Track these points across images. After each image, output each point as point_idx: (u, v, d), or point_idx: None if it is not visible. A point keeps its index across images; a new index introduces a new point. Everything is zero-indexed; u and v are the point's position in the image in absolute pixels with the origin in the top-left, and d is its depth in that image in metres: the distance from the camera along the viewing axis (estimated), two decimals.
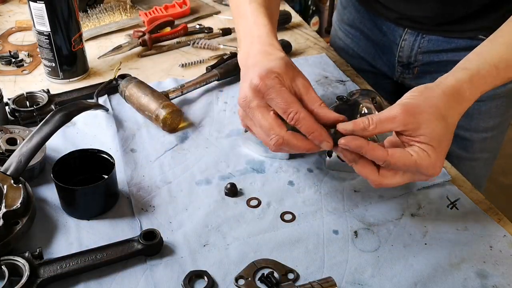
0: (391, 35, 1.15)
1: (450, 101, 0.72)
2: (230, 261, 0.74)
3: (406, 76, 1.18)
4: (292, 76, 0.75)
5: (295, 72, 0.76)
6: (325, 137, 0.72)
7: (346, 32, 1.27)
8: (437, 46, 1.09)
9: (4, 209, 0.73)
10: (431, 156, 0.69)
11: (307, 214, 0.82)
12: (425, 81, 1.12)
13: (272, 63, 0.75)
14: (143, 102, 0.99)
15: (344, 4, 1.27)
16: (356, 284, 0.72)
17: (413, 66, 1.15)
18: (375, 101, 0.98)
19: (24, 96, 1.01)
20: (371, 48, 1.22)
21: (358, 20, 1.22)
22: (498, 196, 2.29)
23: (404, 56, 1.14)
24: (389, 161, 0.68)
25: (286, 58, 0.77)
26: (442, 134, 0.70)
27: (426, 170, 0.69)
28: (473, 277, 0.73)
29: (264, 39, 0.81)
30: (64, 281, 0.71)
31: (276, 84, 0.72)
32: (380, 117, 0.70)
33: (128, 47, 1.23)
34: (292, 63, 0.78)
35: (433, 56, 1.11)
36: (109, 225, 0.80)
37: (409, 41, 1.12)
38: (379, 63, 1.22)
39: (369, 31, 1.20)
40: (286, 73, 0.74)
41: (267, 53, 0.78)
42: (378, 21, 1.17)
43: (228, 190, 0.85)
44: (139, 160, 0.92)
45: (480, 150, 1.18)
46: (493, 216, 0.82)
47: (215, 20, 1.41)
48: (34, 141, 0.79)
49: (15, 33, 1.32)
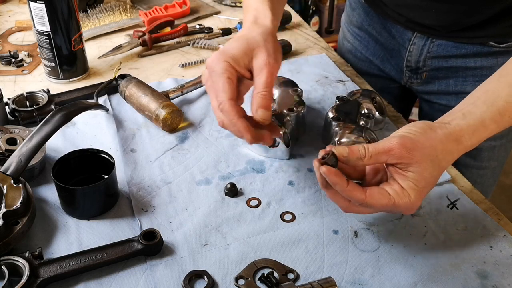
0: (400, 39, 1.13)
1: (449, 147, 0.70)
2: (230, 261, 0.74)
3: (414, 81, 1.16)
4: (254, 55, 0.76)
5: (262, 50, 0.76)
6: (244, 133, 0.74)
7: (354, 35, 1.25)
8: (447, 52, 1.07)
9: (4, 209, 0.73)
10: (411, 196, 0.67)
11: (307, 214, 0.82)
12: (433, 87, 1.13)
13: (243, 42, 0.76)
14: (143, 102, 0.99)
15: (353, 5, 1.24)
16: (356, 284, 0.72)
17: (421, 71, 1.13)
18: (375, 101, 0.99)
19: (24, 96, 1.01)
20: (379, 51, 1.20)
21: (367, 23, 1.20)
22: (498, 196, 2.29)
23: (412, 61, 1.12)
24: (367, 202, 0.68)
25: (267, 32, 0.78)
26: (430, 176, 0.69)
27: (404, 209, 0.69)
28: (473, 277, 0.73)
29: (259, 13, 0.82)
30: (64, 281, 0.71)
31: (220, 69, 0.74)
32: (377, 148, 0.68)
33: (128, 47, 1.23)
34: (271, 39, 0.78)
35: (442, 62, 1.09)
36: (109, 225, 0.80)
37: (418, 45, 1.09)
38: (388, 67, 1.20)
39: (377, 34, 1.18)
40: (246, 53, 0.75)
41: (253, 25, 0.80)
42: (387, 24, 1.14)
43: (228, 190, 0.85)
44: (139, 160, 0.92)
45: (488, 158, 1.16)
46: (493, 216, 0.82)
47: (215, 20, 1.41)
48: (34, 141, 0.79)
49: (15, 33, 1.32)
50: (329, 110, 0.94)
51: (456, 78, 1.09)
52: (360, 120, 0.92)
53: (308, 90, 1.09)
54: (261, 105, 0.75)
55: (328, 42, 1.36)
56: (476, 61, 1.05)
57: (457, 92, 1.10)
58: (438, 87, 1.12)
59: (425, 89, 1.15)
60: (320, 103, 1.07)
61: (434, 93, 1.14)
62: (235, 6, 1.47)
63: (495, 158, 1.16)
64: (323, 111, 1.03)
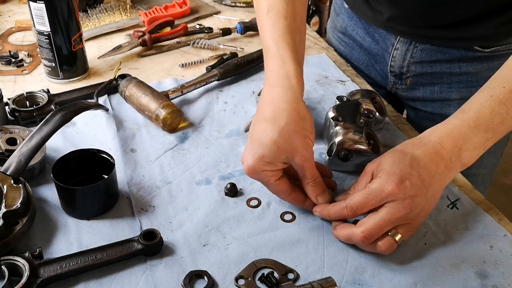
0: (383, 43, 1.12)
1: (417, 141, 0.76)
2: (230, 261, 0.74)
3: (399, 87, 1.15)
4: (289, 153, 0.76)
5: (296, 149, 0.75)
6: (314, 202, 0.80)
7: (339, 40, 1.26)
8: (430, 56, 1.06)
9: (4, 209, 0.73)
10: (382, 178, 0.72)
11: (307, 214, 0.82)
12: (417, 93, 1.12)
13: (273, 143, 0.74)
14: (143, 102, 0.99)
15: (337, 10, 1.24)
16: (356, 284, 0.72)
17: (405, 76, 1.12)
18: (375, 101, 0.99)
19: (24, 96, 1.01)
20: (364, 56, 1.20)
21: (351, 28, 1.20)
22: (498, 196, 2.29)
23: (396, 66, 1.11)
24: (352, 200, 0.74)
25: (296, 108, 0.76)
26: (404, 166, 0.72)
27: (380, 191, 0.72)
28: (473, 277, 0.72)
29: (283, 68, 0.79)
30: (64, 281, 0.71)
31: (264, 178, 0.77)
32: None
33: (128, 47, 1.23)
34: (300, 121, 0.76)
35: (426, 67, 1.08)
36: (109, 225, 0.80)
37: (401, 50, 1.08)
38: (373, 72, 1.20)
39: (361, 39, 1.18)
40: (278, 156, 0.75)
41: (276, 115, 0.76)
42: (370, 28, 1.14)
43: (228, 190, 0.85)
44: (139, 160, 0.92)
45: (477, 166, 1.12)
46: (494, 216, 0.82)
47: (215, 20, 1.41)
48: (34, 141, 0.79)
49: (15, 33, 1.32)
50: (329, 110, 0.94)
51: (441, 84, 1.08)
52: (360, 120, 0.92)
53: (308, 90, 1.09)
54: (317, 193, 0.79)
55: None
56: (461, 66, 1.04)
57: (442, 99, 1.09)
58: (423, 93, 1.12)
59: (410, 95, 1.15)
60: (320, 103, 1.07)
61: (419, 99, 1.13)
62: (235, 6, 1.47)
63: (484, 165, 1.14)
64: (323, 111, 1.03)
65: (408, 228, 0.73)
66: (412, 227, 0.74)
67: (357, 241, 0.73)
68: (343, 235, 0.75)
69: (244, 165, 0.77)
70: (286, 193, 0.79)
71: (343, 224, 0.76)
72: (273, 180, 0.77)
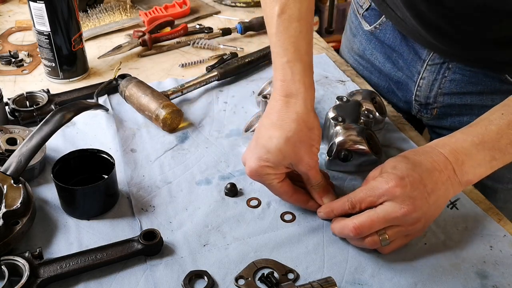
0: (407, 71, 1.03)
1: (421, 149, 0.75)
2: (230, 261, 0.74)
3: (424, 116, 1.06)
4: (294, 161, 0.76)
5: (300, 157, 0.76)
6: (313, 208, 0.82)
7: (356, 63, 1.17)
8: (461, 88, 0.96)
9: (4, 209, 0.73)
10: (384, 177, 0.72)
11: (307, 214, 0.82)
12: (445, 122, 1.04)
13: (278, 151, 0.75)
14: (143, 102, 0.99)
15: (354, 31, 1.15)
16: (356, 284, 0.72)
17: (432, 107, 1.03)
18: (375, 101, 0.99)
19: (24, 96, 1.01)
20: (384, 82, 1.11)
21: (369, 52, 1.11)
22: None
23: (422, 96, 1.02)
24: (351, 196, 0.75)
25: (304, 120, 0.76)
26: (406, 169, 0.72)
27: (380, 188, 0.72)
28: (473, 277, 0.72)
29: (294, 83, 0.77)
30: (64, 281, 0.71)
31: (266, 181, 0.78)
32: None
33: (128, 47, 1.23)
34: (306, 131, 0.76)
35: (455, 99, 0.98)
36: (109, 225, 0.80)
37: (428, 80, 0.99)
38: (394, 98, 1.10)
39: (381, 64, 1.09)
40: (282, 163, 0.76)
41: (284, 123, 0.76)
42: (393, 54, 1.05)
43: (228, 190, 0.85)
44: (139, 160, 0.92)
45: (504, 201, 1.04)
46: (493, 216, 0.82)
47: (215, 20, 1.41)
48: (34, 141, 0.79)
49: (15, 33, 1.32)
50: (329, 110, 0.94)
51: (471, 115, 0.97)
52: (360, 120, 0.92)
53: None
54: (321, 195, 0.80)
55: (328, 42, 1.36)
56: (494, 99, 0.93)
57: None
58: (450, 123, 1.03)
59: (436, 124, 1.06)
60: (320, 103, 1.07)
61: (446, 128, 1.04)
62: (235, 6, 1.47)
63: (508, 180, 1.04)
64: (323, 111, 1.02)
65: (400, 232, 0.72)
66: (406, 232, 0.73)
67: (348, 232, 0.73)
68: (337, 227, 0.75)
69: (246, 167, 0.78)
70: (288, 194, 0.80)
71: (339, 218, 0.76)
72: (276, 182, 0.78)
